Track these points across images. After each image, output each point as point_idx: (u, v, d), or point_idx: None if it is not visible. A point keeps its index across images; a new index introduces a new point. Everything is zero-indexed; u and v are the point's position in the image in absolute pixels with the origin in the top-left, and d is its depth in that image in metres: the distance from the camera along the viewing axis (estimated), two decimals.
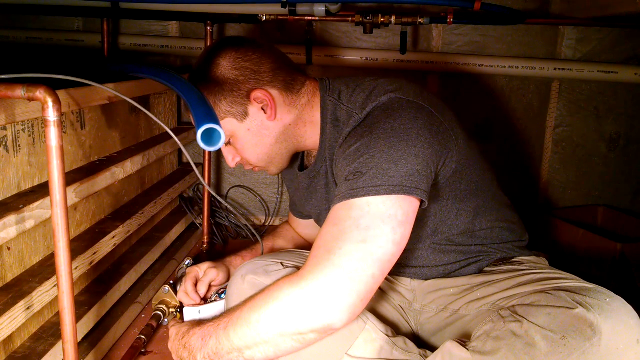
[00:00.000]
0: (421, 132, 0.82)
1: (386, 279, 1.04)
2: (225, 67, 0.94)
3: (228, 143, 0.99)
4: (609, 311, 0.71)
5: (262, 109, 0.95)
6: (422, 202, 0.80)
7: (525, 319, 0.74)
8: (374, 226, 0.75)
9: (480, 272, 0.99)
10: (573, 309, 0.72)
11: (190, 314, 1.10)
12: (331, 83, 0.99)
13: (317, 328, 0.76)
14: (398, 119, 0.83)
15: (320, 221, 1.11)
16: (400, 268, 1.03)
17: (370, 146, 0.81)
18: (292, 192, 1.23)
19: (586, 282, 0.82)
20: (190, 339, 0.86)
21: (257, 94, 0.93)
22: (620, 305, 0.73)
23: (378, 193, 0.76)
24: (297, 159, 1.11)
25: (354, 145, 0.83)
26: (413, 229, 0.80)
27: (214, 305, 1.11)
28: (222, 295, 1.14)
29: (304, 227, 1.29)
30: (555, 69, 1.76)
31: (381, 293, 1.04)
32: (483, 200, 0.98)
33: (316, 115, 0.98)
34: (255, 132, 0.96)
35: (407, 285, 1.05)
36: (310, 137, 1.00)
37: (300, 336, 0.77)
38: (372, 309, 0.99)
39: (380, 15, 1.58)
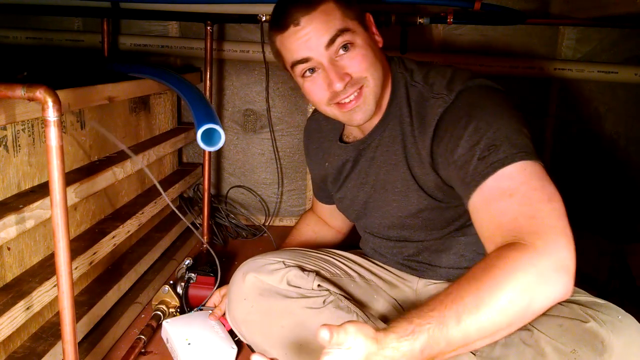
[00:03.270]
0: (516, 110, 0.86)
1: (394, 275, 1.05)
2: None
3: (345, 47, 0.87)
4: (621, 328, 0.71)
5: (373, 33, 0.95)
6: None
7: (535, 328, 0.74)
8: (542, 185, 0.73)
9: None
10: (585, 322, 0.72)
11: (171, 324, 1.10)
12: (403, 61, 0.98)
13: (560, 296, 0.67)
14: (498, 99, 0.86)
15: (349, 201, 1.07)
16: (413, 263, 1.03)
17: (489, 122, 0.80)
18: (318, 173, 1.17)
19: (597, 297, 0.81)
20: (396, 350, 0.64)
21: (371, 18, 0.94)
22: (631, 323, 0.73)
23: (522, 158, 0.75)
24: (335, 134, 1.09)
25: (471, 124, 0.81)
26: (452, 234, 0.86)
27: (194, 315, 1.14)
28: (201, 307, 1.19)
29: (330, 214, 1.23)
30: (555, 69, 1.76)
31: (381, 292, 1.04)
32: None
33: (387, 87, 0.95)
34: (372, 45, 0.92)
35: (412, 284, 1.04)
36: (378, 105, 0.94)
37: (541, 310, 0.67)
38: (367, 304, 0.99)
39: (380, 15, 1.58)
